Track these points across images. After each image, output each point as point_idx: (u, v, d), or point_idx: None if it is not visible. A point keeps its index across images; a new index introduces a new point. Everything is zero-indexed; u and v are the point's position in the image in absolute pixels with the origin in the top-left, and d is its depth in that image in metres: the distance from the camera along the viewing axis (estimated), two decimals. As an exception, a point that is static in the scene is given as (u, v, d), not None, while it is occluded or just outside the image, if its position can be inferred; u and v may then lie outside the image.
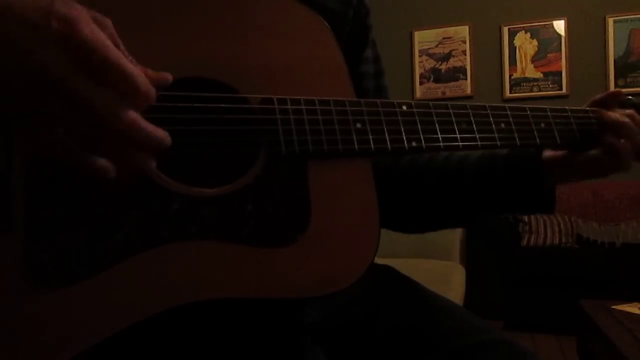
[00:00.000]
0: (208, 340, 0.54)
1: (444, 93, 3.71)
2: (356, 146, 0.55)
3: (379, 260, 0.83)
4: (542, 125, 0.67)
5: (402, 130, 0.58)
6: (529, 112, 0.66)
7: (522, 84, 3.56)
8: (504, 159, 0.70)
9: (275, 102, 0.53)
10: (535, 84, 3.54)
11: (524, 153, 0.70)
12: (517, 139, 0.64)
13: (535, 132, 0.66)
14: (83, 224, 0.46)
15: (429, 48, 3.75)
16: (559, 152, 0.69)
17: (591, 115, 0.70)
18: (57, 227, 0.45)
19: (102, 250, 0.46)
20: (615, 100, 0.72)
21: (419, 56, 3.76)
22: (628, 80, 3.36)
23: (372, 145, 0.56)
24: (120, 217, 0.47)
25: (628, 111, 0.70)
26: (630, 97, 0.73)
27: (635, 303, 2.04)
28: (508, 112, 0.65)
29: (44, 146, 0.41)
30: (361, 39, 0.77)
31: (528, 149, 0.69)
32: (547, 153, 0.70)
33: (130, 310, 0.46)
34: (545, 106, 0.69)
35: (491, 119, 0.63)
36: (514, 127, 0.64)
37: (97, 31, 0.39)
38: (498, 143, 0.63)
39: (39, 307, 0.44)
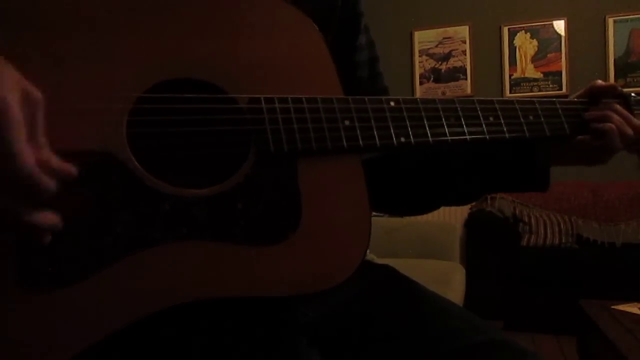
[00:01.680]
0: (203, 340, 0.54)
1: (444, 93, 3.71)
2: (345, 143, 0.55)
3: (379, 261, 0.83)
4: (531, 117, 0.67)
5: (391, 126, 0.58)
6: (516, 106, 0.67)
7: (522, 84, 3.56)
8: None
9: (263, 102, 0.53)
10: (535, 84, 3.54)
11: None
12: (506, 132, 0.65)
13: (524, 125, 0.66)
14: (74, 227, 0.46)
15: (429, 48, 3.75)
16: None
17: (579, 107, 0.71)
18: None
19: (94, 253, 0.46)
20: (612, 94, 0.73)
21: (419, 56, 3.76)
22: (628, 80, 3.36)
23: (361, 142, 0.56)
24: (111, 220, 0.47)
25: (614, 103, 0.71)
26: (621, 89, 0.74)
27: (635, 303, 2.03)
28: (496, 105, 0.65)
29: None
30: (352, 27, 0.76)
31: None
32: None
33: (123, 312, 0.46)
34: (534, 99, 0.69)
35: (479, 113, 0.64)
36: (502, 120, 0.65)
37: (10, 100, 0.38)
38: (487, 137, 0.64)
39: (32, 310, 0.44)
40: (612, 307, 2.00)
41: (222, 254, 0.50)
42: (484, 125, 0.64)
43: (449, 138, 0.61)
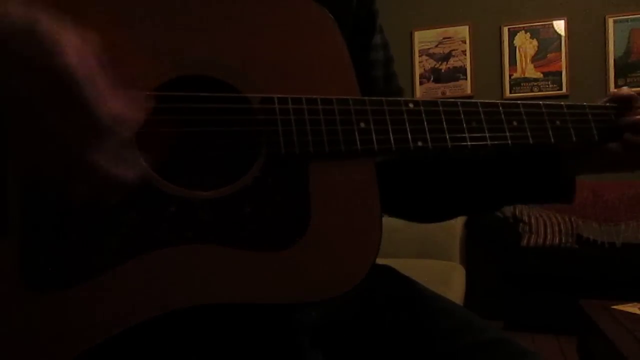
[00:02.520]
0: (206, 341, 0.54)
1: (444, 93, 3.71)
2: (359, 146, 0.54)
3: (379, 260, 0.83)
4: (557, 122, 0.64)
5: (408, 129, 0.56)
6: (543, 110, 0.64)
7: (522, 84, 3.56)
8: None
9: (276, 102, 0.51)
10: (535, 84, 3.53)
11: None
12: (530, 138, 0.62)
13: (550, 131, 0.63)
14: (79, 228, 0.45)
15: (429, 48, 3.74)
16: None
17: (610, 112, 0.68)
18: (52, 231, 0.44)
19: (98, 254, 0.45)
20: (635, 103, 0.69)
21: (419, 56, 3.76)
22: (628, 80, 3.36)
23: (376, 146, 0.54)
24: (117, 221, 0.46)
25: None
26: None
27: (635, 303, 2.04)
28: (521, 109, 0.62)
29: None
30: (368, 26, 0.75)
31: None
32: None
33: (126, 315, 0.45)
34: (562, 103, 0.66)
35: (503, 117, 0.61)
36: (527, 125, 0.62)
37: (82, 59, 0.39)
38: (509, 142, 0.61)
39: (35, 311, 0.43)
40: (612, 307, 2.01)
41: (228, 258, 0.49)
42: (507, 130, 0.61)
43: (469, 143, 0.59)
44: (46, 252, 0.44)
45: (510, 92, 3.56)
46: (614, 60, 3.39)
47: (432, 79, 3.75)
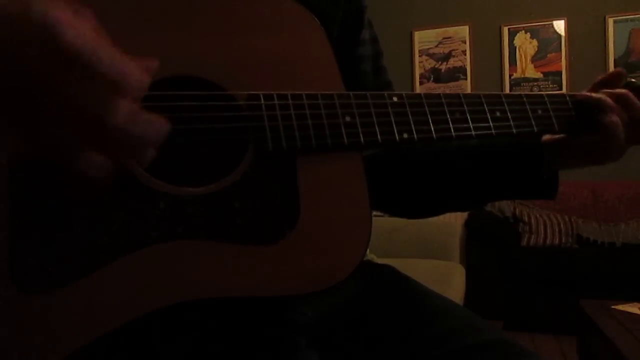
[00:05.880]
0: (200, 340, 0.54)
1: (444, 93, 3.71)
2: (345, 140, 0.54)
3: (379, 260, 0.83)
4: (539, 111, 0.65)
5: (393, 122, 0.57)
6: (525, 99, 0.65)
7: (522, 84, 3.56)
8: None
9: (262, 99, 0.52)
10: (535, 84, 3.54)
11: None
12: (513, 127, 0.63)
13: (532, 119, 0.65)
14: (68, 227, 0.45)
15: (429, 48, 3.75)
16: (559, 135, 0.69)
17: (590, 100, 0.68)
18: (42, 230, 0.44)
19: (88, 253, 0.45)
20: (619, 81, 0.70)
21: (419, 56, 3.76)
22: (628, 80, 3.36)
23: (362, 139, 0.55)
24: (106, 219, 0.46)
25: (619, 90, 0.68)
26: (633, 79, 0.71)
27: (635, 303, 2.04)
28: (503, 100, 0.64)
29: (37, 146, 0.38)
30: (356, 21, 0.76)
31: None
32: (547, 136, 0.70)
33: (117, 313, 0.45)
34: (543, 93, 0.68)
35: (485, 107, 0.62)
36: (509, 115, 0.63)
37: (80, 30, 0.36)
38: (493, 132, 0.62)
39: (25, 311, 0.43)
40: (612, 307, 2.01)
41: (218, 253, 0.49)
42: (490, 121, 0.62)
43: (454, 134, 0.60)
44: (36, 252, 0.44)
45: (511, 92, 3.57)
46: (614, 60, 3.39)
47: (432, 79, 3.75)
